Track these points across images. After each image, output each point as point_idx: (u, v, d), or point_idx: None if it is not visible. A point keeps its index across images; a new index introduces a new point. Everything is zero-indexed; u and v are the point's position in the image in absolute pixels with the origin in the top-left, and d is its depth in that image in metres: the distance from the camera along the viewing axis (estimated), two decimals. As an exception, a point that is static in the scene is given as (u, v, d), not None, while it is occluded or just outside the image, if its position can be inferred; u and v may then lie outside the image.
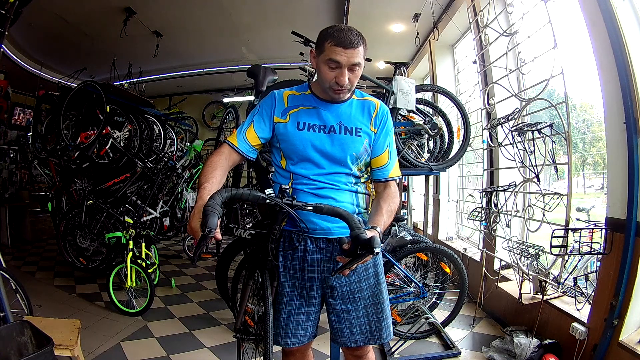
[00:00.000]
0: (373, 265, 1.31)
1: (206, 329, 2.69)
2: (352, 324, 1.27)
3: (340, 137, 1.25)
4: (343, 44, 1.11)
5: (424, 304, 2.51)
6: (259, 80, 2.36)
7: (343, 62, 1.13)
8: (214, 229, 0.89)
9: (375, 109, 1.29)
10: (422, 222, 4.73)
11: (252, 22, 4.47)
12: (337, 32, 1.13)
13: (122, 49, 4.80)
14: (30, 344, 1.65)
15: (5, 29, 2.07)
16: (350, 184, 1.28)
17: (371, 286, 1.29)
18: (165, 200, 4.25)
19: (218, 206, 0.94)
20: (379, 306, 1.29)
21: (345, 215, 1.08)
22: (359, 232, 1.01)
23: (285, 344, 1.28)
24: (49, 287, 3.52)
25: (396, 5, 3.83)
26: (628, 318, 1.71)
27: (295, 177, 1.27)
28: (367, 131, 1.27)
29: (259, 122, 1.28)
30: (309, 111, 1.27)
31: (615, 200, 1.82)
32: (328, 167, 1.25)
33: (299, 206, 1.13)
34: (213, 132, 7.42)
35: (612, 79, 1.77)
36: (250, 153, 1.28)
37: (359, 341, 1.28)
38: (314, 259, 1.26)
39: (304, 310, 1.28)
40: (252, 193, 1.10)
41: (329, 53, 1.13)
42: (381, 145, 1.30)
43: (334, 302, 1.27)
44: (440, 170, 2.74)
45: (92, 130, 3.47)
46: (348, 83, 1.17)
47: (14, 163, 5.89)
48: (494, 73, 2.85)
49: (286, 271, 1.28)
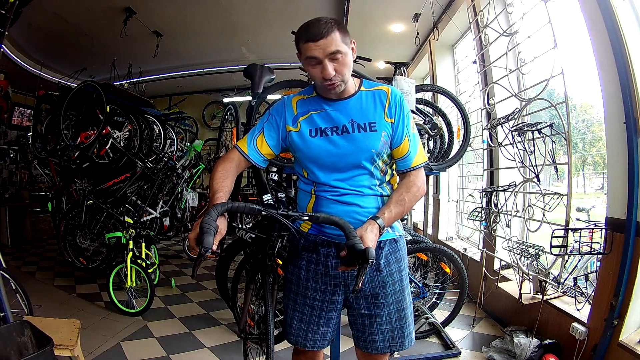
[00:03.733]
0: (398, 270, 1.25)
1: (206, 329, 2.69)
2: (374, 330, 1.23)
3: (355, 135, 1.18)
4: (312, 37, 1.08)
5: (424, 304, 2.51)
6: (255, 80, 2.29)
7: (320, 56, 1.09)
8: (209, 248, 0.91)
9: (387, 97, 1.21)
10: (422, 222, 4.73)
11: (252, 22, 4.46)
12: (304, 29, 1.11)
13: (122, 49, 4.79)
14: (30, 344, 1.65)
15: (5, 29, 2.06)
16: (374, 187, 1.22)
17: (396, 292, 1.24)
18: (165, 200, 4.25)
19: (214, 222, 0.97)
20: (402, 312, 1.25)
21: (341, 224, 1.07)
22: (354, 242, 0.99)
23: (304, 346, 1.26)
24: (49, 287, 3.53)
25: (396, 5, 3.83)
26: (628, 318, 1.71)
27: (318, 185, 1.23)
28: (383, 123, 1.20)
29: (269, 130, 1.25)
30: (318, 115, 1.22)
31: (615, 200, 1.82)
32: (347, 170, 1.20)
33: (294, 217, 1.12)
34: (213, 132, 7.41)
35: (612, 79, 1.77)
36: (260, 162, 1.25)
37: (380, 348, 1.24)
38: (338, 263, 1.20)
39: (325, 315, 1.25)
40: (247, 206, 1.10)
41: (305, 51, 1.11)
42: (400, 135, 1.21)
43: (358, 305, 1.24)
44: (440, 170, 2.74)
45: (92, 130, 3.47)
46: (336, 75, 1.11)
47: (14, 163, 5.90)
48: (494, 73, 2.85)
49: (310, 274, 1.25)
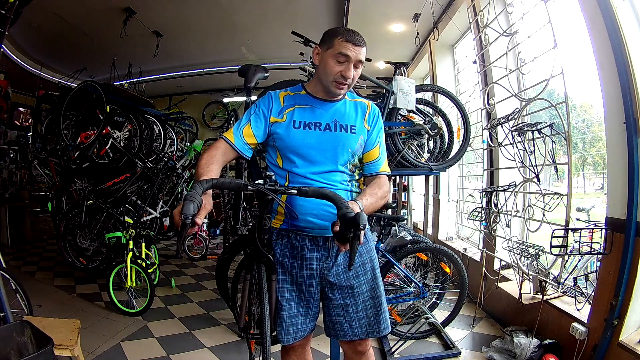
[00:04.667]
0: (369, 260, 1.35)
1: (206, 329, 2.69)
2: (351, 317, 1.30)
3: (336, 134, 1.29)
4: (353, 41, 1.22)
5: (424, 304, 2.51)
6: (247, 77, 2.42)
7: (352, 57, 1.22)
8: (189, 215, 0.93)
9: (367, 109, 1.38)
10: (422, 222, 4.73)
11: (252, 22, 4.47)
12: (347, 31, 1.24)
13: (122, 49, 4.80)
14: (30, 344, 1.65)
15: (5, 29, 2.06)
16: (345, 182, 1.31)
17: (368, 280, 1.33)
18: (165, 200, 4.25)
19: (198, 195, 0.98)
20: (376, 300, 1.32)
21: (331, 196, 1.09)
22: (345, 211, 1.01)
23: (287, 340, 1.28)
24: (49, 287, 3.52)
25: (396, 5, 3.83)
26: (628, 318, 1.71)
27: (292, 176, 1.28)
28: (362, 128, 1.34)
29: (255, 121, 1.31)
30: (304, 110, 1.31)
31: (615, 200, 1.82)
32: (324, 165, 1.28)
33: (281, 190, 1.13)
34: (213, 132, 7.41)
35: (612, 79, 1.77)
36: (245, 151, 1.30)
37: (358, 334, 1.31)
38: (313, 257, 1.28)
39: (304, 305, 1.31)
40: (232, 181, 1.11)
41: (339, 47, 1.22)
42: (373, 141, 1.36)
43: (334, 296, 1.30)
44: (440, 170, 2.74)
45: (92, 130, 3.47)
46: (351, 79, 1.25)
47: (14, 163, 5.89)
48: (494, 73, 2.85)
49: (285, 269, 1.30)
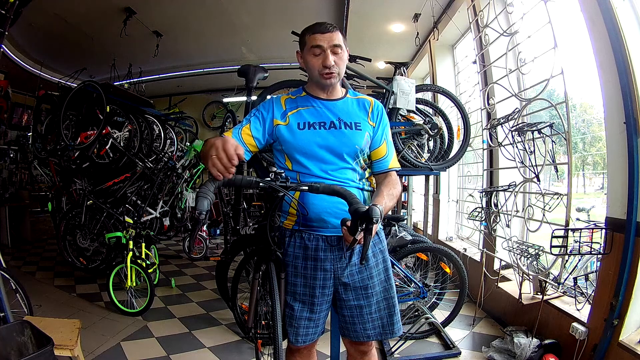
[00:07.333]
0: (382, 260, 1.34)
1: (206, 329, 2.69)
2: (365, 319, 1.29)
3: (342, 131, 1.28)
4: (320, 30, 1.24)
5: (424, 304, 2.51)
6: (249, 77, 2.42)
7: (324, 45, 1.24)
8: (203, 211, 0.97)
9: (370, 105, 1.37)
10: (422, 222, 4.72)
11: (252, 22, 4.46)
12: (312, 25, 1.27)
13: (122, 49, 4.79)
14: (30, 344, 1.65)
15: (5, 29, 2.06)
16: (356, 180, 1.30)
17: (382, 281, 1.32)
18: (165, 200, 4.25)
19: (211, 192, 1.00)
20: (390, 301, 1.32)
21: (342, 192, 1.09)
22: (357, 206, 1.01)
23: (296, 342, 1.28)
24: (49, 287, 3.53)
25: (396, 5, 3.83)
26: (628, 318, 1.71)
27: (303, 177, 1.27)
28: (367, 125, 1.32)
29: (255, 123, 1.30)
30: (307, 111, 1.31)
31: (615, 200, 1.82)
32: (334, 162, 1.27)
33: (292, 187, 1.12)
34: (213, 132, 7.42)
35: (612, 79, 1.77)
36: (245, 153, 1.28)
37: (371, 336, 1.30)
38: (327, 257, 1.27)
39: (317, 309, 1.28)
40: (244, 178, 1.11)
41: (310, 42, 1.25)
42: (379, 138, 1.35)
43: (347, 297, 1.29)
44: (440, 170, 2.74)
45: (92, 130, 3.47)
46: (335, 65, 1.25)
47: (14, 163, 5.88)
48: (494, 73, 2.85)
49: (298, 271, 1.28)
